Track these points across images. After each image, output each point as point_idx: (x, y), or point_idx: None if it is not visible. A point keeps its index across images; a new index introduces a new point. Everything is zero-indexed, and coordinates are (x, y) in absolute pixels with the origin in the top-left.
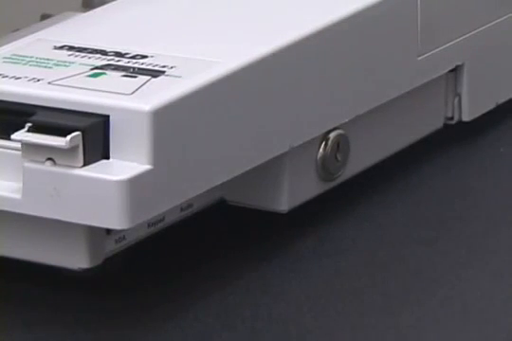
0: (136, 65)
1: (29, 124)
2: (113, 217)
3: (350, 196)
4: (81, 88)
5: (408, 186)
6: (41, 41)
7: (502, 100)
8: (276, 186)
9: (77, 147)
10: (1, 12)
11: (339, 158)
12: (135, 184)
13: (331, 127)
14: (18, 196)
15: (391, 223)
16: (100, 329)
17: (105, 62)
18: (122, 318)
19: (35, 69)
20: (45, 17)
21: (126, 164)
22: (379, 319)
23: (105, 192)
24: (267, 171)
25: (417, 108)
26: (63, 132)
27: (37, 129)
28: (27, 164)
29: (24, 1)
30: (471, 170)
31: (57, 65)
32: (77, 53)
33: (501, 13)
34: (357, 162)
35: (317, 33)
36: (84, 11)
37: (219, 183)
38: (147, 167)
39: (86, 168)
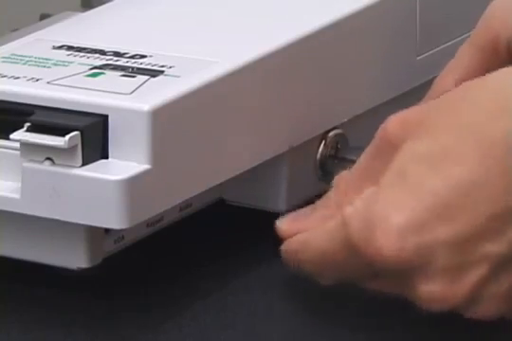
0: (134, 65)
1: (28, 124)
2: (112, 217)
3: None
4: (79, 88)
5: None
6: (40, 40)
7: None
8: (275, 185)
9: (76, 146)
10: (1, 12)
11: (338, 158)
12: (133, 183)
13: (330, 127)
14: (17, 196)
15: None
16: (100, 329)
17: (104, 62)
18: (122, 318)
19: (34, 69)
20: (44, 17)
21: (125, 164)
22: (379, 319)
23: (104, 192)
24: (266, 171)
25: None
26: (61, 131)
27: (36, 128)
28: (26, 164)
29: (23, 1)
30: None
31: (56, 65)
32: (76, 53)
33: None
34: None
35: (315, 33)
36: (84, 11)
37: (218, 183)
38: (146, 166)
39: (85, 167)
